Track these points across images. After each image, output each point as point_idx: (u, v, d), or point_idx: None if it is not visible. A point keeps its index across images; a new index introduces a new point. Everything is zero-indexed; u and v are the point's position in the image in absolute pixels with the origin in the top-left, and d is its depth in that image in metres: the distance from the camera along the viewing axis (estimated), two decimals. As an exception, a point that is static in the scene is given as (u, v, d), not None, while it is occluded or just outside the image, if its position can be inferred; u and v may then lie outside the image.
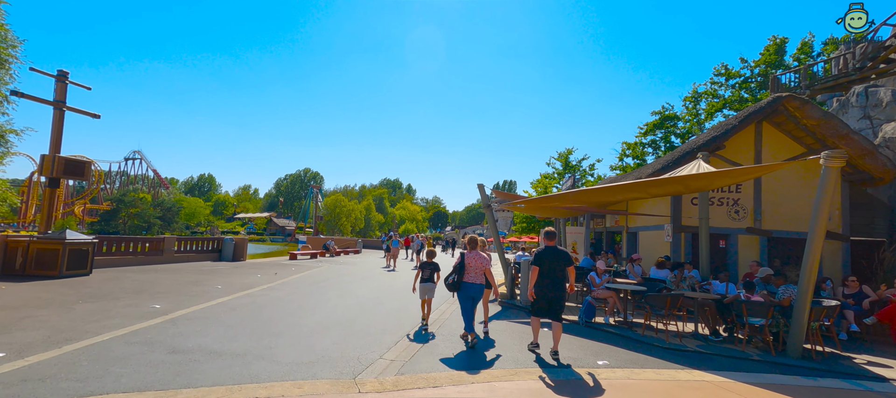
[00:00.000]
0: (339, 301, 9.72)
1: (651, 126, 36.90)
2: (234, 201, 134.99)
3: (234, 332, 6.38)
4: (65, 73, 11.63)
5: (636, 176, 13.37)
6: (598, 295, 8.36)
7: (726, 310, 7.32)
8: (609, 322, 8.17)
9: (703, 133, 13.03)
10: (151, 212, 65.50)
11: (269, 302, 9.10)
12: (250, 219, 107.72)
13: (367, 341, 6.36)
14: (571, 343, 6.92)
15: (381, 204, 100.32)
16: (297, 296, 9.95)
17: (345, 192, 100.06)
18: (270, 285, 11.57)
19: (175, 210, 72.30)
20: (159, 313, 7.36)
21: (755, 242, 11.90)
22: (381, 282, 13.60)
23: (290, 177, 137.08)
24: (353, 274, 15.85)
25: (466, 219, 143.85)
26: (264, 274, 14.18)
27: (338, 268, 18.05)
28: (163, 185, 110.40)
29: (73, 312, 7.12)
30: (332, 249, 26.32)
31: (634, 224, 15.84)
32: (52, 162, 11.14)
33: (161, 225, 67.12)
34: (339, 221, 63.60)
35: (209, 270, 14.29)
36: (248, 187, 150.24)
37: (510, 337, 7.11)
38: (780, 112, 11.16)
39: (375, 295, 10.89)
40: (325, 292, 10.85)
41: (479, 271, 6.34)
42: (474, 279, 6.31)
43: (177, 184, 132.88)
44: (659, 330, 7.49)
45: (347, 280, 13.80)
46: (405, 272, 17.45)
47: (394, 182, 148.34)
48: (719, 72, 34.02)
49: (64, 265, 10.83)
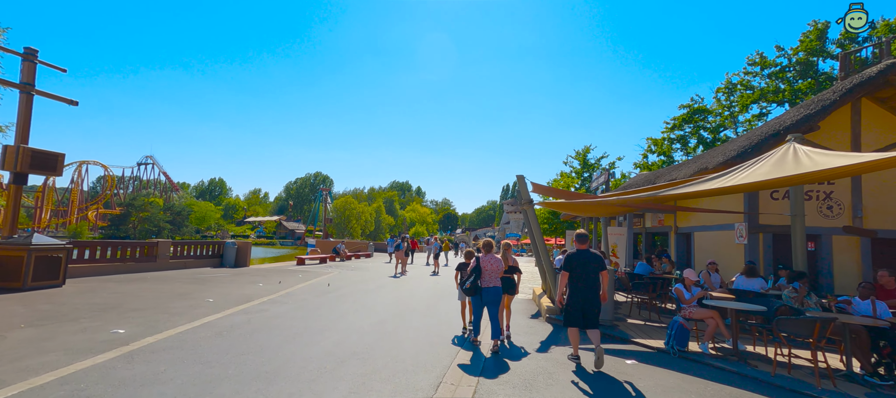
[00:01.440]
0: (353, 318, 7.87)
1: (680, 120, 34.64)
2: (244, 205, 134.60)
3: (210, 374, 4.56)
4: (33, 52, 10.00)
5: (700, 166, 11.30)
6: (695, 315, 6.40)
7: (878, 339, 5.33)
8: (708, 350, 6.21)
9: (789, 111, 10.95)
10: (161, 216, 64.60)
11: (267, 321, 7.29)
12: (260, 223, 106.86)
13: (397, 384, 4.52)
14: (665, 381, 5.02)
15: (391, 206, 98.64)
16: (303, 313, 8.14)
17: (354, 195, 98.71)
18: (272, 297, 9.79)
19: (185, 214, 71.36)
20: (118, 342, 5.58)
21: (855, 245, 9.82)
22: (401, 292, 11.75)
23: (299, 180, 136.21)
24: (367, 281, 14.04)
25: (476, 221, 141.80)
26: (267, 282, 12.42)
27: (349, 274, 16.26)
28: (174, 189, 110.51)
29: (1, 343, 5.37)
30: (342, 253, 24.56)
31: (687, 223, 13.81)
32: (17, 154, 9.47)
33: (171, 229, 66.23)
34: (349, 224, 61.98)
35: (205, 279, 12.57)
36: (258, 191, 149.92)
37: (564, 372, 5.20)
38: (891, 84, 9.09)
39: (396, 308, 9.04)
40: (335, 306, 9.03)
41: (495, 274, 6.28)
42: (490, 283, 6.25)
43: (188, 188, 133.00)
44: (779, 363, 5.52)
45: (361, 289, 11.98)
46: (421, 278, 15.59)
47: (403, 184, 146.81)
48: (754, 61, 31.65)
49: (29, 275, 9.14)
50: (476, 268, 6.21)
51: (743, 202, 10.54)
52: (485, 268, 6.21)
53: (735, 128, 33.33)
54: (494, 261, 6.30)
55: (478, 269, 6.20)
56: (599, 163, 41.85)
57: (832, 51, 28.67)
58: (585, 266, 5.59)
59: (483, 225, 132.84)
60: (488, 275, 6.22)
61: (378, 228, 69.36)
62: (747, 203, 10.34)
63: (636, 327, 7.95)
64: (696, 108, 35.16)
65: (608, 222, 15.82)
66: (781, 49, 30.49)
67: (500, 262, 6.35)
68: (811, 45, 29.19)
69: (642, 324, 8.29)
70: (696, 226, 13.10)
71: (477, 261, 6.26)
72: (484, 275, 6.21)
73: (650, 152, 37.30)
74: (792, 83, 30.24)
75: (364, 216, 64.78)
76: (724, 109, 34.02)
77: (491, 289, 6.21)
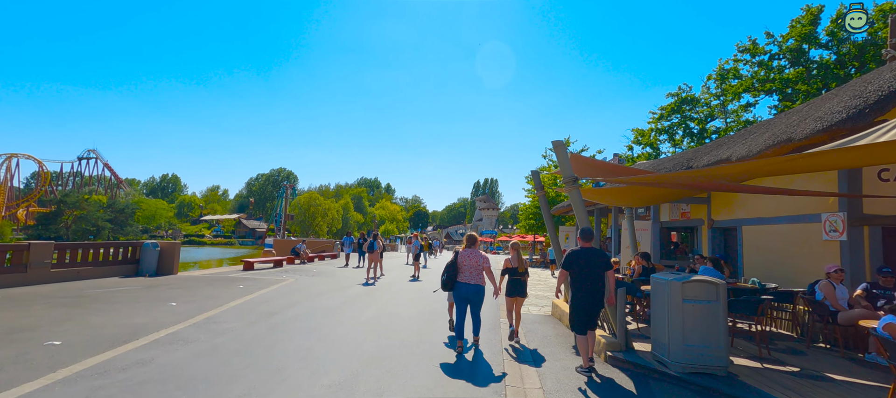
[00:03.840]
0: (296, 375, 4.51)
1: (668, 110, 32.85)
2: (201, 202, 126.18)
3: None
4: None
5: (774, 138, 8.49)
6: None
7: None
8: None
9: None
10: (100, 214, 57.67)
11: (137, 394, 3.86)
12: (217, 222, 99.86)
13: None
14: None
15: (360, 203, 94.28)
16: (211, 366, 4.71)
17: (321, 192, 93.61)
18: (176, 329, 6.26)
19: (128, 212, 64.49)
20: None
21: None
22: (377, 311, 8.42)
23: (263, 176, 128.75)
24: (330, 292, 10.61)
25: (448, 218, 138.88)
26: (189, 300, 8.80)
27: (308, 282, 12.74)
28: (120, 186, 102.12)
29: None
30: (303, 254, 20.83)
31: (729, 214, 11.19)
32: None
33: (112, 228, 59.50)
34: (314, 221, 57.46)
35: (94, 296, 8.80)
36: (217, 188, 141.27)
37: None
38: None
39: (373, 346, 5.73)
40: (272, 347, 5.61)
41: (475, 270, 5.88)
42: (469, 279, 5.84)
43: (138, 185, 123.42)
44: None
45: (320, 307, 8.58)
46: (400, 285, 12.31)
47: (372, 181, 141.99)
48: (745, 48, 30.07)
49: None
50: (452, 263, 5.95)
51: (837, 184, 7.91)
52: (462, 264, 5.91)
53: (725, 118, 31.79)
54: (473, 256, 5.92)
55: (453, 264, 5.92)
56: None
57: (821, 38, 27.29)
58: (590, 266, 5.14)
59: (454, 222, 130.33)
60: (466, 272, 5.88)
61: (345, 226, 65.08)
62: (848, 184, 7.69)
63: (765, 377, 5.02)
64: (684, 97, 33.45)
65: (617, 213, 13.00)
66: (771, 35, 28.89)
67: (483, 258, 5.94)
68: (803, 31, 27.69)
69: (759, 366, 5.38)
70: (745, 219, 10.46)
71: (455, 256, 5.99)
72: (461, 270, 5.90)
73: (636, 143, 35.37)
74: (781, 72, 28.75)
75: (330, 213, 60.40)
76: (714, 98, 32.38)
77: (470, 286, 5.82)
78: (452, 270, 5.90)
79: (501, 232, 77.34)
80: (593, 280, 5.11)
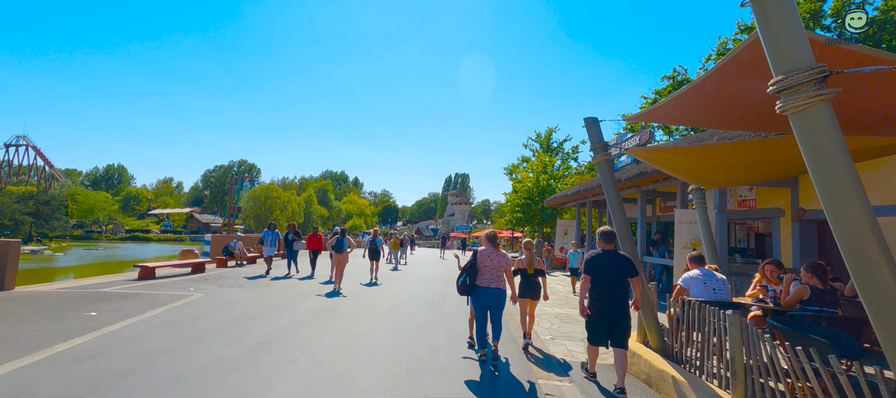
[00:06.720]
0: None
1: (664, 93, 30.12)
2: (150, 195, 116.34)
3: None
4: None
5: None
6: None
7: None
8: None
9: None
10: (16, 206, 49.78)
11: None
12: (167, 216, 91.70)
13: None
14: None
15: (325, 196, 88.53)
16: None
17: (282, 184, 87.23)
18: None
19: (55, 204, 56.54)
20: None
21: None
22: (338, 354, 4.38)
23: (221, 168, 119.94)
24: (250, 320, 6.45)
25: (418, 214, 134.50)
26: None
27: (224, 300, 8.45)
28: (55, 176, 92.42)
29: None
30: (238, 254, 16.27)
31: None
32: None
33: (33, 222, 51.84)
34: (272, 215, 51.92)
35: None
36: (170, 180, 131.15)
37: None
38: None
39: None
40: None
41: (496, 272, 5.27)
42: (489, 282, 5.22)
43: (78, 175, 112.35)
44: None
45: (209, 366, 4.44)
46: (375, 304, 8.30)
47: (339, 175, 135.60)
48: (746, 27, 27.52)
49: None
50: (472, 264, 5.29)
51: None
52: (482, 265, 5.28)
53: (724, 103, 29.32)
54: (495, 256, 5.30)
55: (473, 266, 5.27)
56: (563, 146, 36.61)
57: (825, 18, 25.00)
58: (613, 270, 4.48)
59: (424, 217, 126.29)
60: (487, 274, 5.25)
61: (308, 220, 59.76)
62: None
63: None
64: (680, 80, 30.69)
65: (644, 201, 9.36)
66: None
67: (502, 258, 5.31)
68: (810, 7, 25.30)
69: None
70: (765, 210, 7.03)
71: (474, 256, 5.33)
72: (481, 272, 5.26)
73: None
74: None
75: (290, 206, 54.97)
76: (713, 81, 29.78)
77: (491, 290, 5.19)
78: (472, 272, 5.28)
79: (476, 227, 73.98)
80: (618, 287, 4.48)
